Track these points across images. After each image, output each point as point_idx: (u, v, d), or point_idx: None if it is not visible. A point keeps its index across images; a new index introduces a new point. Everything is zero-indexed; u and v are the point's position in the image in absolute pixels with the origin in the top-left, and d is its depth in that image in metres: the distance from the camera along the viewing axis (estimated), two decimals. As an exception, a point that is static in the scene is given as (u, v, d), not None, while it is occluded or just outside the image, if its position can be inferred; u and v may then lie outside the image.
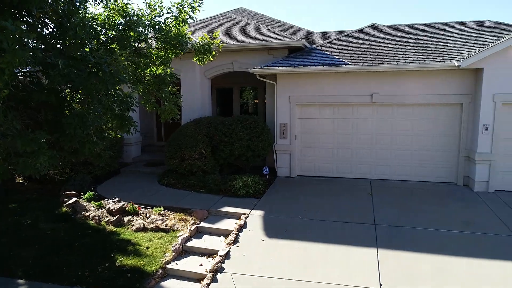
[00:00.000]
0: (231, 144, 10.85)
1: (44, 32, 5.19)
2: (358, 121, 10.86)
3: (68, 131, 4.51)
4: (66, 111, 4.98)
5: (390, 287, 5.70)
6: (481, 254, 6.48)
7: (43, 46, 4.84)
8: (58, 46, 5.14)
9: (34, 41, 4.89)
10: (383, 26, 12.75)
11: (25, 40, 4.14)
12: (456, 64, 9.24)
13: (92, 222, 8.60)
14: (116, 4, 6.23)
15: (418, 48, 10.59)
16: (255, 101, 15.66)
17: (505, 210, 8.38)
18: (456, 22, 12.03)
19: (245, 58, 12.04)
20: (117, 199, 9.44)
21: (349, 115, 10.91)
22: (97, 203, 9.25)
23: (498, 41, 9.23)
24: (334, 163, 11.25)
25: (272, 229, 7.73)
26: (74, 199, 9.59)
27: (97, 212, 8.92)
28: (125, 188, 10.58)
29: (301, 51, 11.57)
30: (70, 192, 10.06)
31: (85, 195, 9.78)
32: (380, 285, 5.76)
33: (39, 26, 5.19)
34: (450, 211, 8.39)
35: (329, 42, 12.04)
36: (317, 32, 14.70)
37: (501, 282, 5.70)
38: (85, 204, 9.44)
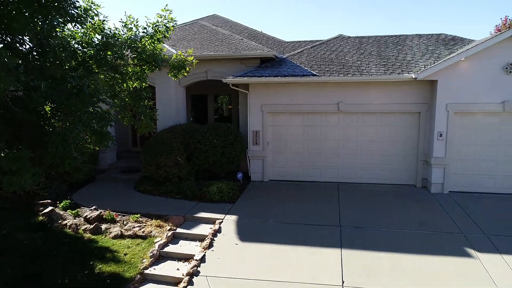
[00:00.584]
0: (205, 152, 11.26)
1: (23, 50, 5.46)
2: (326, 128, 11.53)
3: (51, 149, 4.82)
4: (46, 128, 5.27)
5: (352, 284, 6.31)
6: (432, 251, 7.21)
7: (23, 66, 5.11)
8: (38, 63, 5.41)
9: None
10: (349, 37, 13.51)
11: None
12: (413, 76, 10.06)
13: (70, 230, 8.79)
14: (93, 22, 6.53)
15: (380, 60, 11.38)
16: (229, 106, 16.10)
17: (456, 210, 9.23)
18: (416, 35, 12.95)
19: (219, 67, 12.48)
20: (94, 207, 9.65)
21: (318, 123, 11.56)
22: (74, 212, 9.43)
23: (450, 56, 10.13)
24: (305, 168, 11.87)
25: (245, 233, 8.21)
26: (50, 208, 9.71)
27: (74, 220, 9.12)
28: (101, 196, 10.77)
29: (272, 61, 12.12)
30: (45, 201, 10.17)
31: (61, 204, 9.93)
32: (343, 282, 6.36)
33: (18, 45, 5.46)
34: (408, 212, 9.16)
35: (298, 52, 12.66)
36: (288, 42, 15.33)
37: (448, 276, 6.43)
38: (61, 212, 9.60)
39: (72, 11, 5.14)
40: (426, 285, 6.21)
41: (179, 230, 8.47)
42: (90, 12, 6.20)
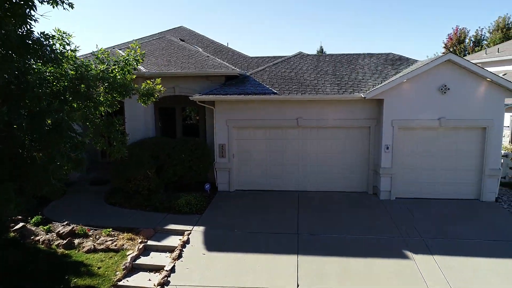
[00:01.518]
0: (174, 166, 11.88)
1: (3, 88, 5.93)
2: (287, 141, 12.48)
3: (32, 180, 5.37)
4: (27, 160, 5.80)
5: (305, 286, 7.23)
6: (376, 254, 8.29)
7: (6, 106, 5.61)
8: (18, 101, 5.92)
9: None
10: (308, 55, 14.57)
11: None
12: (362, 95, 11.21)
13: (43, 246, 9.17)
14: (65, 55, 7.03)
15: (335, 79, 12.47)
16: (197, 117, 16.71)
17: (400, 215, 10.44)
18: (367, 54, 14.19)
19: (186, 84, 13.12)
20: (66, 222, 10.04)
21: (279, 136, 12.48)
22: (46, 227, 9.78)
23: (394, 78, 11.36)
24: (268, 178, 12.76)
25: (212, 243, 8.96)
26: (21, 224, 10.00)
27: (47, 236, 9.49)
28: (73, 210, 11.12)
29: (236, 79, 12.92)
30: (16, 217, 10.41)
31: (33, 219, 10.23)
32: (298, 285, 7.27)
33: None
34: (358, 218, 10.26)
35: (261, 70, 13.54)
36: (252, 57, 16.18)
37: (387, 276, 7.50)
38: (33, 228, 9.91)
39: (51, 55, 5.68)
40: (369, 285, 7.24)
41: (150, 242, 9.08)
42: (64, 47, 6.73)
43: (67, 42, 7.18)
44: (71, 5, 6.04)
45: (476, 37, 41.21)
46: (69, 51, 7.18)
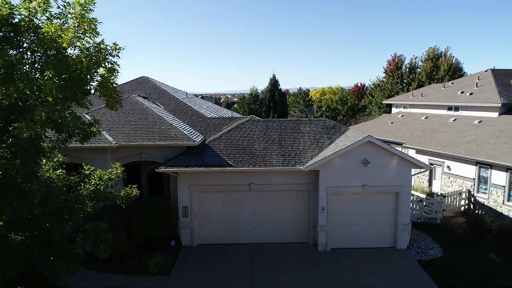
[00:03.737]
0: (144, 230, 13.63)
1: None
2: (242, 202, 14.68)
3: None
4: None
5: None
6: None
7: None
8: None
9: None
10: (259, 120, 16.87)
11: None
12: (301, 168, 13.69)
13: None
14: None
15: (280, 149, 14.87)
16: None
17: (331, 264, 13.04)
18: (308, 120, 16.76)
19: (152, 151, 14.89)
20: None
21: (235, 198, 14.65)
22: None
23: (327, 154, 13.93)
24: (226, 233, 14.88)
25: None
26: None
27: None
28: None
29: (197, 148, 14.88)
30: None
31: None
32: None
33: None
34: (297, 268, 12.77)
35: (218, 137, 15.59)
36: (209, 117, 18.12)
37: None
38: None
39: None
40: None
41: (127, 310, 10.84)
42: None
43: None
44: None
45: (410, 65, 46.02)
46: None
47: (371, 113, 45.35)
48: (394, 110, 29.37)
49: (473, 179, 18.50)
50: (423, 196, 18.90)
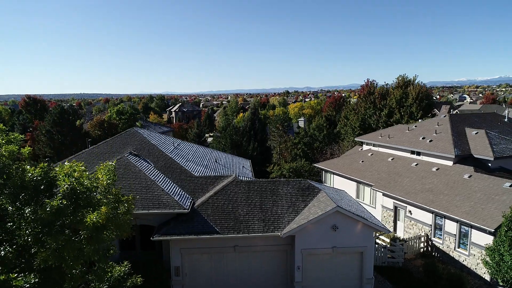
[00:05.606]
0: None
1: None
2: (228, 261, 16.59)
3: None
4: None
5: None
6: None
7: None
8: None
9: None
10: (241, 181, 18.80)
11: None
12: (280, 234, 15.74)
13: None
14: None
15: (261, 214, 16.86)
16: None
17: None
18: (285, 181, 18.83)
19: (146, 217, 16.60)
20: None
21: (222, 258, 16.55)
22: None
23: (301, 222, 16.00)
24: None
25: None
26: None
27: None
28: None
29: (187, 215, 16.68)
30: None
31: None
32: None
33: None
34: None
35: (206, 201, 17.41)
36: (197, 176, 19.90)
37: None
38: None
39: None
40: None
41: None
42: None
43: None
44: None
45: (382, 92, 49.04)
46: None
47: (345, 137, 47.87)
48: (365, 147, 31.92)
49: (430, 225, 21.07)
50: (387, 240, 21.33)
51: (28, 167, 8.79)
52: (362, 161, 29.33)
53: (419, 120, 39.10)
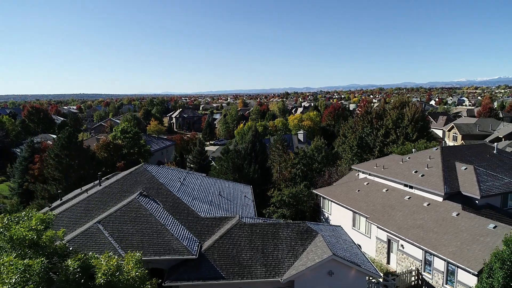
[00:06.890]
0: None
1: None
2: (232, 303, 18.08)
3: None
4: None
5: None
6: None
7: None
8: None
9: None
10: (245, 224, 20.27)
11: None
12: (280, 280, 17.23)
13: None
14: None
15: (263, 259, 18.33)
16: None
17: None
18: (285, 224, 20.30)
19: (158, 261, 18.08)
20: None
21: (227, 300, 18.05)
22: None
23: (299, 269, 17.48)
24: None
25: None
26: None
27: None
28: None
29: (195, 260, 18.16)
30: None
31: None
32: None
33: None
34: None
35: (212, 245, 18.90)
36: (203, 217, 21.40)
37: None
38: None
39: None
40: None
41: None
42: None
43: None
44: None
45: (378, 113, 50.60)
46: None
47: (343, 155, 49.34)
48: (361, 175, 33.41)
49: (421, 260, 22.56)
50: (381, 274, 22.80)
51: (69, 262, 10.20)
52: (358, 190, 30.81)
53: (414, 144, 40.59)
